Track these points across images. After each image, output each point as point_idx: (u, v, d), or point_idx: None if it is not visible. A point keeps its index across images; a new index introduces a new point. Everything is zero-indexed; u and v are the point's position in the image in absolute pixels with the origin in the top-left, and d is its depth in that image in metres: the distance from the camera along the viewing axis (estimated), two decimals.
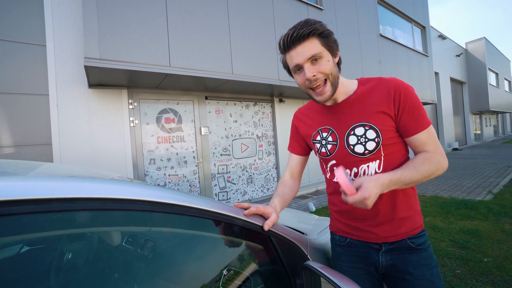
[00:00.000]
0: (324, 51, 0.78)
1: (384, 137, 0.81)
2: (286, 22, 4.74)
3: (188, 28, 3.47)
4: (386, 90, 0.81)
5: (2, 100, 3.07)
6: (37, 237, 0.59)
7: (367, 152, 0.82)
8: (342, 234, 0.95)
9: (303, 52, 0.77)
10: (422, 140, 0.81)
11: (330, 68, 0.79)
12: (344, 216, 0.94)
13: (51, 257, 0.69)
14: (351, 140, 0.84)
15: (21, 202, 0.43)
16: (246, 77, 4.06)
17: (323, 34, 0.77)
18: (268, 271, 0.82)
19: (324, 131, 0.92)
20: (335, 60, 0.82)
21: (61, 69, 3.33)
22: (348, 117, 0.85)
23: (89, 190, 0.53)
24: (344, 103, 0.87)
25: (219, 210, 0.69)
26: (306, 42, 0.77)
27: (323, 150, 0.92)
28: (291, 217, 1.52)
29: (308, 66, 0.78)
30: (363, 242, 0.90)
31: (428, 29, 9.88)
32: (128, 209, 0.57)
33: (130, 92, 3.81)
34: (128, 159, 3.72)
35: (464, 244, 2.69)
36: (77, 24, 3.36)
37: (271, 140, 5.53)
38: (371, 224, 0.87)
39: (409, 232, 0.85)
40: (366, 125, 0.82)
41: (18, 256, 0.65)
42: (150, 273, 0.75)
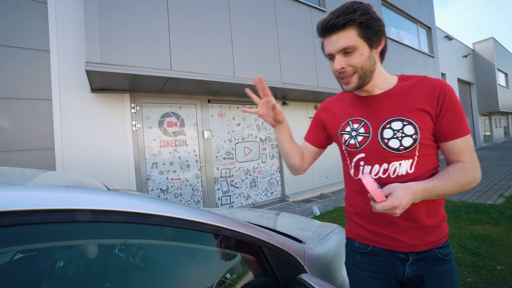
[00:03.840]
0: (360, 43, 0.73)
1: (422, 136, 0.76)
2: (288, 25, 4.71)
3: (189, 31, 3.47)
4: (431, 88, 0.77)
5: (6, 104, 3.10)
6: (29, 248, 0.56)
7: (402, 148, 0.77)
8: (363, 241, 0.88)
9: (336, 41, 0.74)
10: (459, 147, 0.76)
11: (361, 61, 0.75)
12: (366, 220, 0.87)
13: (43, 266, 0.66)
14: (386, 133, 0.79)
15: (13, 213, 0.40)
16: (249, 80, 4.03)
17: (363, 24, 0.72)
18: (260, 284, 0.76)
19: (355, 122, 0.87)
20: (376, 51, 0.78)
21: (64, 74, 3.35)
22: (385, 110, 0.81)
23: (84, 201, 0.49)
24: (382, 95, 0.82)
25: (206, 221, 0.65)
26: (341, 32, 0.73)
27: (352, 141, 0.86)
28: (291, 223, 1.46)
29: (339, 57, 0.76)
30: (388, 250, 0.83)
31: (434, 30, 9.74)
32: (116, 221, 0.54)
33: (132, 96, 3.82)
34: (130, 163, 3.71)
35: (475, 250, 2.57)
36: (80, 30, 3.40)
37: (274, 143, 5.48)
38: (397, 230, 0.81)
39: (438, 241, 0.80)
40: (405, 120, 0.77)
41: (11, 264, 0.62)
42: (141, 284, 0.70)
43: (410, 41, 8.49)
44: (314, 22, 5.19)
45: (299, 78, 4.72)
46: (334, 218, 3.86)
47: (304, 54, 4.94)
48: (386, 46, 0.81)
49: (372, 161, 0.81)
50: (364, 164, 0.83)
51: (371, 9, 0.75)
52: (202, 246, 0.71)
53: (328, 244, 1.14)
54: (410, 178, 0.76)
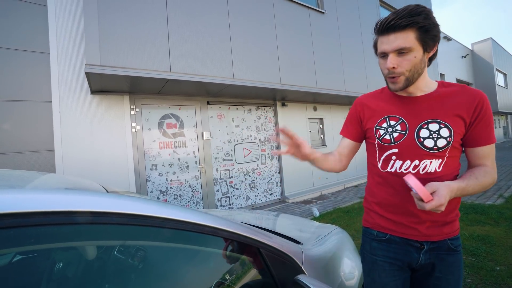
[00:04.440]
0: (416, 45, 0.76)
1: (455, 139, 0.82)
2: (287, 26, 4.73)
3: (188, 33, 3.48)
4: (471, 97, 0.82)
5: (6, 106, 3.11)
6: (28, 249, 0.57)
7: (436, 148, 0.82)
8: (381, 230, 0.96)
9: (393, 41, 0.77)
10: (486, 153, 0.83)
11: (413, 64, 0.78)
12: (387, 211, 0.93)
13: (42, 267, 0.67)
14: (423, 133, 0.84)
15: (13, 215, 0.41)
16: (248, 81, 4.04)
17: (423, 28, 0.75)
18: (258, 285, 0.77)
19: (392, 119, 0.91)
20: (428, 55, 0.81)
21: (64, 76, 3.36)
22: (424, 111, 0.86)
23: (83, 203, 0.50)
24: (423, 98, 0.87)
25: (203, 222, 0.65)
26: (400, 33, 0.75)
27: (387, 136, 0.91)
28: (289, 224, 1.46)
29: (393, 56, 0.78)
30: (404, 239, 0.90)
31: None
32: (117, 223, 0.54)
33: (132, 98, 3.83)
34: (130, 165, 3.72)
35: (474, 251, 2.57)
36: (79, 32, 3.41)
37: (273, 145, 5.48)
38: (416, 221, 0.87)
39: (451, 233, 0.88)
40: (442, 123, 0.82)
41: (10, 267, 0.62)
42: (140, 285, 0.71)
43: None
44: (313, 23, 5.21)
45: (298, 79, 4.73)
46: (333, 219, 3.86)
47: (303, 56, 4.95)
48: (436, 52, 0.84)
49: (404, 157, 0.86)
50: (396, 158, 0.88)
51: (432, 15, 0.77)
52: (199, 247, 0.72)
53: (326, 245, 1.15)
54: (437, 176, 0.82)
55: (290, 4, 4.89)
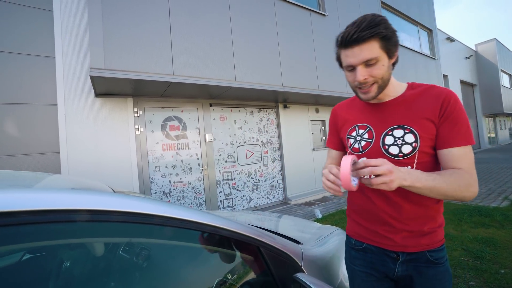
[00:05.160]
0: (381, 54, 0.76)
1: (422, 144, 0.78)
2: (288, 29, 4.76)
3: (190, 36, 3.53)
4: (435, 96, 0.79)
5: (12, 110, 3.17)
6: (38, 245, 0.59)
7: (401, 155, 0.80)
8: (359, 239, 0.93)
9: (359, 54, 0.75)
10: (456, 155, 0.76)
11: (382, 72, 0.78)
12: (363, 218, 0.92)
13: (51, 264, 0.69)
14: (387, 140, 0.83)
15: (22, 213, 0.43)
16: (249, 84, 4.07)
17: (386, 37, 0.74)
18: (258, 283, 0.78)
19: (361, 128, 0.91)
20: (391, 61, 0.81)
21: (69, 79, 3.42)
22: (390, 117, 0.84)
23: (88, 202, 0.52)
24: (389, 103, 0.86)
25: (204, 221, 0.67)
26: (364, 45, 0.74)
27: (356, 145, 0.91)
28: (290, 225, 1.47)
29: (361, 68, 0.77)
30: (380, 249, 0.87)
31: (435, 32, 9.74)
32: (122, 221, 0.56)
33: (135, 100, 3.88)
34: (133, 167, 3.75)
35: (478, 253, 2.55)
36: (84, 36, 3.47)
37: (276, 146, 5.50)
38: (391, 230, 0.84)
39: (431, 244, 0.83)
40: (407, 129, 0.80)
41: (20, 264, 0.65)
42: (143, 282, 0.73)
43: (411, 44, 8.50)
44: (314, 26, 5.23)
45: (299, 82, 4.75)
46: (336, 221, 3.85)
47: (305, 58, 4.97)
48: (398, 58, 0.83)
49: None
50: None
51: (388, 22, 0.78)
52: (201, 246, 0.74)
53: (326, 245, 1.16)
54: None
55: (291, 6, 4.93)
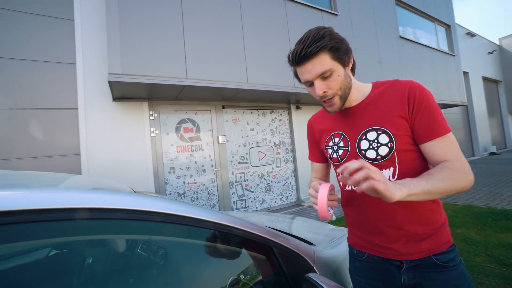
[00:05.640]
0: (334, 65, 0.75)
1: (398, 143, 0.75)
2: (300, 30, 4.74)
3: (203, 41, 3.60)
4: (400, 91, 0.77)
5: (36, 114, 3.36)
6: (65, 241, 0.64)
7: (380, 157, 0.77)
8: (360, 249, 0.89)
9: (311, 69, 0.75)
10: (438, 149, 0.73)
11: (340, 83, 0.76)
12: (358, 228, 0.89)
13: (76, 259, 0.74)
14: (363, 145, 0.80)
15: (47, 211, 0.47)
16: (261, 85, 4.09)
17: (333, 48, 0.74)
18: (271, 282, 0.79)
19: (336, 136, 0.89)
20: (348, 69, 0.80)
21: (88, 84, 3.58)
22: (360, 121, 0.82)
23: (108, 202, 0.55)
24: (357, 107, 0.84)
25: (220, 221, 0.69)
26: (314, 59, 0.74)
27: (334, 155, 0.89)
28: (303, 226, 1.47)
29: (318, 82, 0.76)
30: (383, 258, 0.83)
31: (454, 27, 9.38)
32: (139, 219, 0.59)
33: (150, 103, 3.99)
34: (149, 168, 3.86)
35: (504, 260, 2.42)
36: (102, 44, 3.62)
37: (289, 148, 5.48)
38: (388, 239, 0.80)
39: (434, 248, 0.77)
40: (379, 129, 0.78)
41: (48, 259, 0.70)
42: (160, 278, 0.76)
43: (428, 40, 8.22)
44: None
45: None
46: None
47: None
48: (354, 61, 0.83)
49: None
50: None
51: (334, 32, 0.77)
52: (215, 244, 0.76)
53: (339, 247, 1.15)
54: None
55: (302, 7, 4.91)
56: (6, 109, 3.21)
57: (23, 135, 3.28)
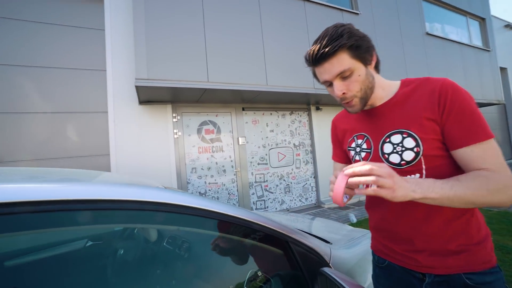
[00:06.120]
0: (354, 64, 0.70)
1: (425, 147, 0.68)
2: (319, 30, 4.69)
3: (223, 44, 3.71)
4: (430, 90, 0.69)
5: (71, 118, 3.66)
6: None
7: (404, 162, 0.71)
8: (381, 255, 0.85)
9: (330, 69, 0.71)
10: (474, 156, 0.64)
11: (360, 83, 0.72)
12: (379, 234, 0.85)
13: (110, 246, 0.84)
14: (386, 148, 0.74)
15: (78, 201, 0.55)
16: (281, 87, 4.12)
17: (353, 46, 0.69)
18: (288, 275, 0.83)
19: (359, 137, 0.84)
20: (371, 67, 0.75)
21: (117, 89, 3.83)
22: (385, 122, 0.76)
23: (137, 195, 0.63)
24: (382, 107, 0.78)
25: (243, 216, 0.74)
26: (333, 59, 0.70)
27: (357, 157, 0.84)
28: (321, 226, 1.49)
29: (337, 82, 0.72)
30: (404, 268, 0.77)
31: (489, 20, 8.75)
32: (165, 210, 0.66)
33: (174, 106, 4.17)
34: (172, 168, 4.04)
35: None
36: (130, 51, 3.85)
37: (308, 149, 5.44)
38: (411, 249, 0.74)
39: (467, 266, 0.68)
40: (404, 132, 0.71)
41: (84, 249, 0.80)
42: (184, 269, 0.83)
43: (458, 36, 7.76)
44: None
45: None
46: None
47: None
48: (378, 58, 0.78)
49: None
50: None
51: (354, 28, 0.72)
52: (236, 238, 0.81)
53: (357, 247, 1.15)
54: None
55: (322, 8, 4.87)
56: (48, 113, 3.53)
57: (60, 137, 3.59)
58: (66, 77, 3.69)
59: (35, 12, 3.62)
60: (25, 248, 0.75)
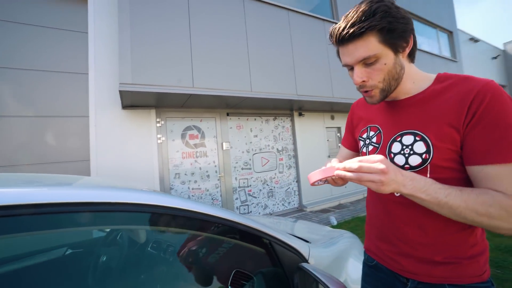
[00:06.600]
0: (382, 50, 0.61)
1: (435, 156, 0.61)
2: (302, 39, 4.90)
3: (209, 51, 3.77)
4: (465, 92, 0.59)
5: (51, 122, 3.54)
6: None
7: (408, 167, 0.65)
8: (370, 254, 0.84)
9: (353, 51, 0.63)
10: (490, 175, 0.55)
11: (385, 73, 0.64)
12: (372, 232, 0.83)
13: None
14: (394, 147, 0.68)
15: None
16: (265, 93, 4.23)
17: (385, 29, 0.59)
18: (270, 272, 0.90)
19: (372, 129, 0.78)
20: (403, 54, 0.65)
21: (100, 93, 3.75)
22: (402, 119, 0.69)
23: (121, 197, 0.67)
24: (404, 101, 0.70)
25: (229, 217, 0.81)
26: (358, 41, 0.61)
27: (364, 149, 0.79)
28: (302, 228, 1.58)
29: (358, 69, 0.65)
30: (390, 270, 0.74)
31: (456, 33, 9.47)
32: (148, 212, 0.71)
33: (158, 111, 4.15)
34: (155, 174, 4.00)
35: (500, 263, 2.48)
36: (113, 54, 3.81)
37: (291, 154, 5.58)
38: (395, 251, 0.72)
39: (453, 278, 0.64)
40: (418, 135, 0.64)
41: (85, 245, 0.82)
42: (167, 268, 0.88)
43: (430, 47, 8.33)
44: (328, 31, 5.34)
45: (314, 90, 4.85)
46: (351, 228, 3.84)
47: (318, 66, 5.07)
48: (415, 44, 0.68)
49: None
50: None
51: (394, 6, 0.61)
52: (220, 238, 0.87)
53: (334, 246, 1.25)
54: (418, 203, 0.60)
55: (305, 17, 5.08)
56: (25, 117, 3.40)
57: (38, 142, 3.46)
58: (46, 80, 3.58)
59: (14, 12, 3.49)
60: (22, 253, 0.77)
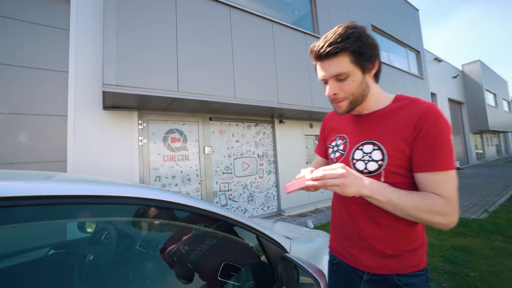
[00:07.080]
0: (352, 69, 0.73)
1: (389, 163, 0.74)
2: (285, 50, 5.15)
3: (195, 56, 3.85)
4: (413, 112, 0.73)
5: (26, 120, 3.39)
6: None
7: (366, 171, 0.77)
8: (334, 253, 0.94)
9: (329, 68, 0.75)
10: (432, 182, 0.69)
11: (353, 88, 0.76)
12: (335, 230, 0.93)
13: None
14: (357, 154, 0.81)
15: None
16: (248, 100, 4.38)
17: (356, 52, 0.72)
18: (256, 264, 1.02)
19: (341, 138, 0.90)
20: (369, 75, 0.78)
21: (80, 92, 3.67)
22: (364, 131, 0.82)
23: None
24: (366, 116, 0.83)
25: (218, 211, 0.92)
26: (333, 59, 0.73)
27: (332, 156, 0.91)
28: (283, 228, 1.72)
29: (332, 83, 0.77)
30: (349, 265, 0.86)
31: (423, 53, 10.38)
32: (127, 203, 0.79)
33: (140, 113, 4.13)
34: (135, 176, 3.95)
35: (453, 259, 2.81)
36: (95, 53, 3.76)
37: (271, 159, 5.76)
38: (353, 245, 0.83)
39: (400, 269, 0.76)
40: (376, 145, 0.77)
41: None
42: (156, 261, 0.95)
43: (400, 64, 9.05)
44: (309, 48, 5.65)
45: (294, 99, 5.09)
46: (327, 231, 4.07)
47: (300, 77, 5.34)
48: (380, 68, 0.80)
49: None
50: None
51: (365, 34, 0.74)
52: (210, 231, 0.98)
53: (312, 243, 1.41)
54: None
55: (288, 30, 5.34)
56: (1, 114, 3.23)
57: (11, 141, 3.29)
58: (25, 76, 3.43)
59: None
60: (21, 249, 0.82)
